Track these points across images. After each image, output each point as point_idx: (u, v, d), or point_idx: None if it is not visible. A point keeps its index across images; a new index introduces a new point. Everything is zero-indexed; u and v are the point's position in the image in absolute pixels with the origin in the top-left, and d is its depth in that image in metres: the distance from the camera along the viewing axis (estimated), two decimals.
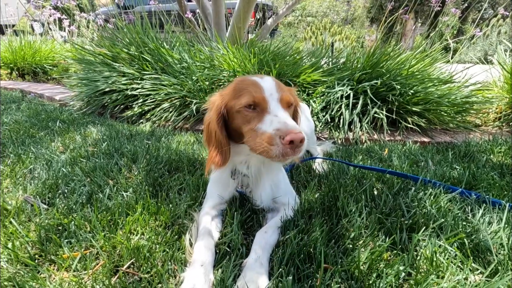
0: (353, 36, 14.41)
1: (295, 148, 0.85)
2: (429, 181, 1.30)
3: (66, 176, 1.41)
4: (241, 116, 0.97)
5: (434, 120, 2.23)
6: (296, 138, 0.83)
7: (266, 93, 0.95)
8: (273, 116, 0.91)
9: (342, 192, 1.25)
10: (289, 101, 0.99)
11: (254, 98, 0.94)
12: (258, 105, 0.95)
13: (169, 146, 1.87)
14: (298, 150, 0.86)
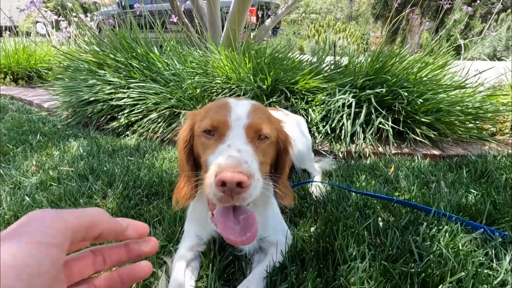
0: (357, 33, 14.11)
1: (231, 193, 0.63)
2: (444, 214, 1.11)
3: (29, 206, 1.25)
4: (200, 142, 0.79)
5: (446, 131, 2.03)
6: (228, 179, 0.61)
7: (231, 117, 0.75)
8: (225, 147, 0.70)
9: (341, 229, 1.08)
10: (261, 131, 0.76)
11: (213, 121, 0.75)
12: (216, 130, 0.75)
13: (152, 164, 1.71)
14: (237, 198, 0.64)
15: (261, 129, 0.76)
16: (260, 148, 0.76)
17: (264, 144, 0.78)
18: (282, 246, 0.99)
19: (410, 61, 2.40)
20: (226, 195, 0.63)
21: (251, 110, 0.78)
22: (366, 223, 1.10)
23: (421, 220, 1.14)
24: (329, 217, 1.17)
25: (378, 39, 16.64)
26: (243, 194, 0.64)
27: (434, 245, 1.02)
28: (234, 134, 0.73)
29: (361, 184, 1.51)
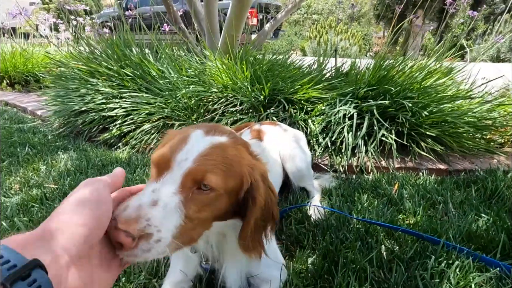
0: (359, 34, 13.99)
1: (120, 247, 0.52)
2: (454, 246, 1.02)
3: (5, 231, 1.17)
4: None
5: (452, 145, 1.93)
6: (113, 235, 0.51)
7: (176, 157, 0.63)
8: (150, 190, 0.59)
9: (341, 262, 0.98)
10: (202, 180, 0.61)
11: (158, 156, 0.65)
12: (158, 167, 0.64)
13: (142, 181, 1.62)
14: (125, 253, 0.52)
15: (203, 179, 0.61)
16: (195, 200, 0.62)
17: (204, 196, 0.63)
18: (276, 284, 0.90)
19: (414, 68, 2.30)
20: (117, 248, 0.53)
21: (206, 152, 0.64)
22: (369, 256, 1.01)
23: (428, 252, 1.04)
24: (328, 247, 1.08)
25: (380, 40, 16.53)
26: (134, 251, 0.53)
27: (443, 283, 0.93)
28: (169, 178, 0.61)
29: (362, 205, 1.41)
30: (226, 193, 0.65)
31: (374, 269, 0.99)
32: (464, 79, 2.45)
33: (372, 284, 0.94)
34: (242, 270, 0.88)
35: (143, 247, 0.53)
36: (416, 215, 1.33)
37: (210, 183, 0.61)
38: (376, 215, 1.32)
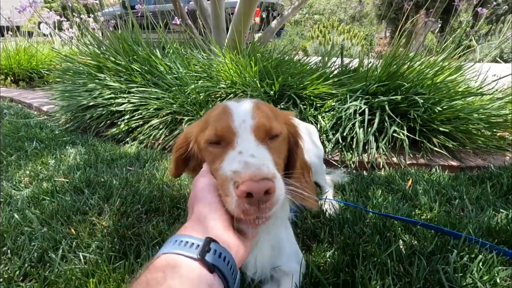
0: (361, 34, 13.96)
1: (257, 204, 0.54)
2: (476, 240, 1.00)
3: (18, 225, 1.15)
4: (207, 154, 0.69)
5: (465, 141, 1.91)
6: (255, 189, 0.52)
7: (234, 122, 0.66)
8: (236, 153, 0.61)
9: (361, 256, 0.96)
10: (270, 130, 0.67)
11: (216, 130, 0.66)
12: (223, 138, 0.66)
13: (153, 176, 1.61)
14: (264, 207, 0.54)
15: (270, 129, 0.67)
16: (272, 147, 0.67)
17: (276, 142, 0.69)
18: (296, 277, 0.88)
19: (425, 65, 2.28)
20: (252, 206, 0.54)
21: (255, 110, 0.69)
22: (389, 250, 0.99)
23: (450, 246, 1.02)
24: (346, 241, 1.06)
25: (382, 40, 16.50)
26: (271, 200, 0.55)
27: (466, 277, 0.91)
28: (242, 139, 0.64)
29: (377, 200, 1.39)
30: (286, 137, 0.73)
31: (394, 263, 0.97)
32: (474, 76, 2.43)
33: (392, 278, 0.92)
34: (268, 259, 0.86)
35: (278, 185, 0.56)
36: (433, 210, 1.31)
37: (276, 130, 0.68)
38: (392, 210, 1.30)
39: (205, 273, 0.43)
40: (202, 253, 0.44)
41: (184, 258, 0.44)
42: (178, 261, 0.44)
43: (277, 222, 0.83)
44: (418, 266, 0.94)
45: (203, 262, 0.44)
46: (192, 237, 0.47)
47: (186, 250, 0.45)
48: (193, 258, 0.44)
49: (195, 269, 0.43)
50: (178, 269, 0.43)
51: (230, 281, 0.46)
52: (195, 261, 0.44)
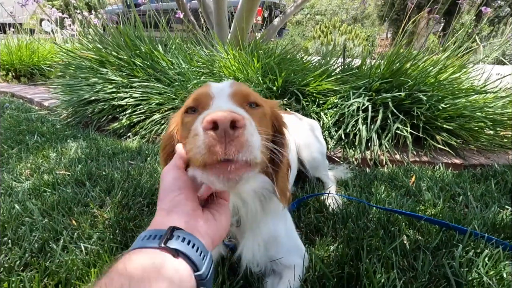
0: (363, 35, 13.94)
1: (224, 139, 0.48)
2: (482, 235, 0.99)
3: (19, 215, 1.14)
4: (184, 126, 0.66)
5: (469, 139, 1.90)
6: (220, 117, 0.47)
7: (212, 89, 0.65)
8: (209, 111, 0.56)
9: (365, 249, 0.95)
10: (247, 96, 0.65)
11: (193, 96, 0.65)
12: (199, 102, 0.64)
13: (155, 170, 1.60)
14: (232, 145, 0.48)
15: (248, 96, 0.65)
16: (252, 114, 0.61)
17: (256, 111, 0.65)
18: (299, 270, 0.87)
19: (428, 63, 2.27)
20: (218, 143, 0.48)
21: (234, 83, 0.69)
22: (394, 244, 0.98)
23: (455, 241, 1.01)
24: (350, 235, 1.05)
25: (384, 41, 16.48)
26: (241, 140, 0.49)
27: (472, 272, 0.89)
28: (218, 101, 0.61)
29: (380, 196, 1.38)
30: (267, 114, 0.69)
31: (398, 258, 0.96)
32: (478, 75, 2.41)
33: (397, 272, 0.91)
34: (263, 253, 0.85)
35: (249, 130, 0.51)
36: (437, 206, 1.30)
37: (255, 97, 0.66)
38: (396, 206, 1.28)
39: (169, 258, 0.44)
40: (164, 241, 0.45)
41: (147, 249, 0.44)
42: (141, 252, 0.44)
43: (269, 215, 0.80)
44: (423, 261, 0.93)
45: (166, 249, 0.44)
46: (156, 230, 0.48)
47: (149, 242, 0.45)
48: (155, 247, 0.44)
49: (157, 255, 0.43)
50: (140, 259, 0.43)
51: (198, 263, 0.46)
52: (158, 249, 0.44)
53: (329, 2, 23.12)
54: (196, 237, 0.48)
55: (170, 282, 0.41)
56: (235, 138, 0.49)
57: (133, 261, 0.43)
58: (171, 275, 0.42)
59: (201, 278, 0.46)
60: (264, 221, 0.80)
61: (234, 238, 0.84)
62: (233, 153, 0.49)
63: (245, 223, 0.79)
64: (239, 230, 0.82)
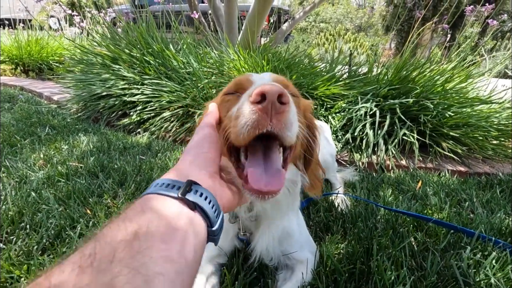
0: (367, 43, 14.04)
1: (271, 111, 0.50)
2: (490, 239, 1.01)
3: (35, 203, 1.16)
4: (222, 106, 0.68)
5: (474, 147, 1.92)
6: (269, 90, 0.49)
7: (253, 77, 0.68)
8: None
9: (375, 248, 0.97)
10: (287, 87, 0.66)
11: (235, 81, 0.69)
12: (240, 87, 0.67)
13: (166, 165, 1.62)
14: (277, 120, 0.50)
15: (288, 86, 0.67)
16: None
17: (293, 99, 0.65)
18: (311, 265, 0.89)
19: (434, 72, 2.31)
20: (264, 114, 0.50)
21: (273, 74, 0.72)
22: (402, 244, 1.00)
23: (462, 243, 1.03)
24: (360, 234, 1.07)
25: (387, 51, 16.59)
26: (284, 116, 0.51)
27: (480, 273, 0.92)
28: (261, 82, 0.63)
29: (387, 199, 1.41)
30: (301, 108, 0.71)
31: (407, 258, 0.98)
32: (483, 85, 2.45)
33: (406, 271, 0.93)
34: (277, 247, 0.87)
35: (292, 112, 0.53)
36: (443, 210, 1.32)
37: (293, 90, 0.69)
38: (404, 209, 1.31)
39: (186, 210, 0.43)
40: (183, 192, 0.44)
41: (165, 197, 0.43)
42: (158, 198, 0.43)
43: (283, 209, 0.83)
44: (431, 261, 0.95)
45: (183, 201, 0.44)
46: (174, 180, 0.47)
47: (167, 190, 0.44)
48: (173, 197, 0.44)
49: (175, 205, 0.43)
50: (158, 204, 0.42)
51: (212, 219, 0.46)
52: (176, 199, 0.43)
53: (334, 10, 23.35)
54: (213, 196, 0.48)
55: (184, 232, 0.40)
56: (280, 112, 0.50)
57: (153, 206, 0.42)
58: (186, 226, 0.41)
59: (213, 234, 0.46)
60: (279, 216, 0.83)
61: (249, 232, 0.86)
62: (276, 127, 0.51)
63: (261, 217, 0.82)
64: (254, 224, 0.84)
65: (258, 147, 0.58)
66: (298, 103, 0.69)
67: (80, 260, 0.33)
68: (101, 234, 0.37)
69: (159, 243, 0.37)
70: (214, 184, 0.51)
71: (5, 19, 7.59)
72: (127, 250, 0.35)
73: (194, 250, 0.40)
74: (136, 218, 0.39)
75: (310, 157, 0.75)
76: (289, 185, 0.76)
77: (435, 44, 9.93)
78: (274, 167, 0.57)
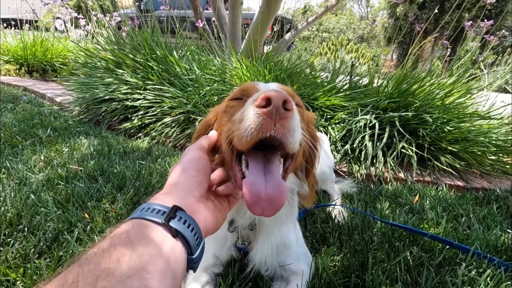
0: (369, 54, 14.18)
1: (276, 116, 0.51)
2: (485, 256, 1.01)
3: (34, 205, 1.17)
4: (226, 112, 0.68)
5: (472, 162, 1.94)
6: (274, 95, 0.50)
7: (259, 85, 0.69)
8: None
9: (371, 261, 0.98)
10: (292, 97, 0.67)
11: (242, 87, 0.69)
12: (246, 93, 0.67)
13: (165, 171, 1.63)
14: (280, 125, 0.51)
15: (293, 95, 0.68)
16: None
17: (298, 109, 0.65)
18: (306, 277, 0.90)
19: (434, 86, 2.33)
20: (268, 119, 0.50)
21: (279, 84, 0.73)
22: (398, 258, 1.00)
23: (458, 259, 1.04)
24: (356, 247, 1.07)
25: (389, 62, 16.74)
26: (288, 122, 0.52)
27: None
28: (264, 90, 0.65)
29: (384, 212, 1.41)
30: (304, 118, 0.71)
31: (402, 272, 0.98)
32: (482, 101, 2.47)
33: (401, 286, 0.93)
34: (274, 257, 0.88)
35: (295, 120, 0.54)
36: (440, 225, 1.32)
37: (299, 101, 0.69)
38: (400, 222, 1.31)
39: (169, 237, 0.45)
40: (167, 218, 0.46)
41: (149, 222, 0.45)
42: (143, 224, 0.45)
43: (282, 219, 0.84)
44: (426, 277, 0.95)
45: (167, 227, 0.45)
46: (160, 205, 0.48)
47: (152, 215, 0.46)
48: (157, 222, 0.45)
49: (158, 232, 0.44)
50: (142, 230, 0.43)
51: (193, 247, 0.47)
52: (160, 225, 0.45)
53: (337, 20, 23.63)
54: (196, 223, 0.49)
55: (166, 261, 0.42)
56: (284, 118, 0.51)
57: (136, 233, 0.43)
58: (168, 254, 0.43)
59: (192, 262, 0.48)
60: (278, 226, 0.84)
61: (247, 241, 0.87)
62: (280, 132, 0.51)
63: (260, 226, 0.83)
64: (252, 233, 0.85)
65: (259, 157, 0.59)
66: (302, 113, 0.70)
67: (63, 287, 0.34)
68: (85, 258, 0.38)
69: (141, 272, 0.38)
70: (199, 209, 0.53)
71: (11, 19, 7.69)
72: (109, 278, 0.36)
73: (173, 278, 0.42)
74: (121, 245, 0.40)
75: (310, 168, 0.76)
76: (288, 194, 0.77)
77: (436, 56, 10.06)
78: (275, 180, 0.56)
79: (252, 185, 0.55)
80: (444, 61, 3.23)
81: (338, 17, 23.81)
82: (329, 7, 3.47)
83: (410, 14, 3.31)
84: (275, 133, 0.51)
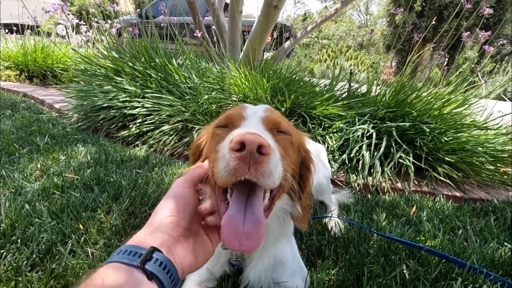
0: (368, 61, 14.28)
1: (248, 160, 0.50)
2: (481, 271, 1.01)
3: (28, 216, 1.16)
4: (212, 137, 0.69)
5: (470, 173, 1.93)
6: (248, 139, 0.49)
7: (246, 111, 0.69)
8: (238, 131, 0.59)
9: (366, 276, 0.97)
10: (278, 124, 0.67)
11: (226, 115, 0.69)
12: (231, 121, 0.68)
13: (161, 180, 1.63)
14: (255, 169, 0.51)
15: (279, 123, 0.68)
16: (279, 140, 0.65)
17: (283, 137, 0.67)
18: None
19: (432, 96, 2.35)
20: (242, 163, 0.50)
21: (268, 109, 0.73)
22: (394, 272, 1.00)
23: (454, 274, 1.03)
24: (351, 261, 1.07)
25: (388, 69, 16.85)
26: (263, 166, 0.51)
27: None
28: (249, 123, 0.65)
29: (381, 223, 1.40)
30: (295, 143, 0.71)
31: (398, 287, 0.97)
32: (479, 111, 2.48)
33: None
34: (269, 274, 0.87)
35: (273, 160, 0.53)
36: (437, 237, 1.32)
37: (285, 127, 0.68)
38: (397, 234, 1.30)
39: (144, 280, 0.46)
40: (143, 261, 0.47)
41: (125, 266, 0.47)
42: (119, 267, 0.46)
43: (277, 237, 0.83)
44: None
45: (143, 270, 0.47)
46: (137, 247, 0.49)
47: (129, 259, 0.47)
48: (134, 265, 0.47)
49: (134, 274, 0.46)
50: (117, 273, 0.45)
51: None
52: (136, 268, 0.46)
53: (337, 27, 23.83)
54: (172, 264, 0.50)
55: None
56: (259, 162, 0.51)
57: (111, 277, 0.45)
58: None
59: None
60: (271, 243, 0.83)
61: (241, 258, 0.86)
62: (254, 176, 0.51)
63: None
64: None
65: (244, 188, 0.58)
66: (291, 141, 0.69)
67: None
68: None
69: None
70: (176, 249, 0.54)
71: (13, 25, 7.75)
72: None
73: None
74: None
75: (301, 193, 0.74)
76: (280, 214, 0.76)
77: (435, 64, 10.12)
78: (254, 216, 0.55)
79: (230, 221, 0.54)
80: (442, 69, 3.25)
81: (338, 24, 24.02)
82: (327, 16, 3.50)
83: (408, 24, 3.34)
84: (249, 177, 0.51)
